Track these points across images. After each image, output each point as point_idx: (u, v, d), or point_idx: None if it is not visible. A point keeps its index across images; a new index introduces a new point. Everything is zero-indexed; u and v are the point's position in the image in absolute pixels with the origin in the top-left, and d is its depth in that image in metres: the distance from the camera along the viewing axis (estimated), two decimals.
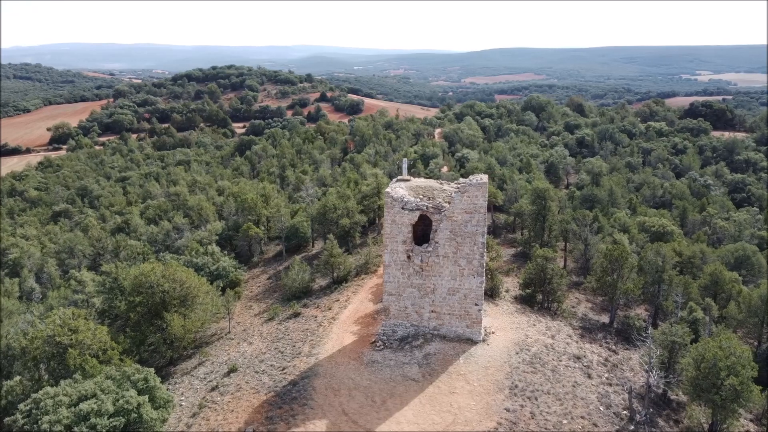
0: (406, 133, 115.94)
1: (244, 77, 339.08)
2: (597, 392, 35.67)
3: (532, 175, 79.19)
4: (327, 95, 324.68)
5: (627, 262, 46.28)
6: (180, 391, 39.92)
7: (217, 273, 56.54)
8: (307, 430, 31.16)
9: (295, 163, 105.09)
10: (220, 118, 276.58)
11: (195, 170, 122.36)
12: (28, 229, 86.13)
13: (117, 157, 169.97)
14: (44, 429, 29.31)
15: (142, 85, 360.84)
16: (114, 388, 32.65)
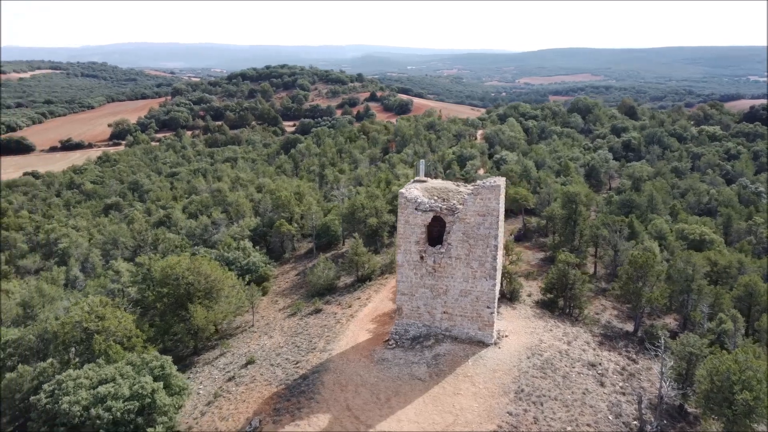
0: (446, 133, 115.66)
1: (296, 76, 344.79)
2: (608, 401, 35.08)
3: (569, 178, 77.88)
4: (377, 95, 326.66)
5: (653, 269, 45.15)
6: (200, 379, 41.47)
7: (247, 268, 58.19)
8: (310, 423, 31.96)
9: (335, 161, 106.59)
10: (271, 117, 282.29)
11: (240, 167, 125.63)
12: (79, 221, 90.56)
13: (170, 153, 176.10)
14: (63, 409, 31.13)
15: (199, 84, 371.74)
16: (132, 373, 34.32)
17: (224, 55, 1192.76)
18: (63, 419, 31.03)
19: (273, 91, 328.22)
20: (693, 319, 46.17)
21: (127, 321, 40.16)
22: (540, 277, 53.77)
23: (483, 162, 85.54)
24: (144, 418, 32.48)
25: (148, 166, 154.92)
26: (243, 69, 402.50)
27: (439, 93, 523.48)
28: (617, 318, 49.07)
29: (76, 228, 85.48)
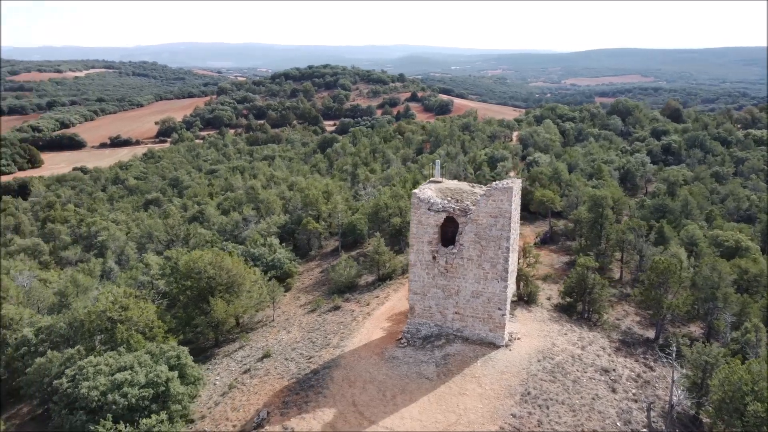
0: (481, 134, 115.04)
1: (338, 76, 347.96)
2: (618, 407, 34.63)
3: (601, 181, 76.58)
4: (417, 95, 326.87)
5: (675, 275, 44.17)
6: (217, 371, 42.75)
7: (272, 264, 59.45)
8: (315, 416, 32.67)
9: (368, 161, 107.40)
10: (312, 116, 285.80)
11: (277, 165, 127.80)
12: (119, 215, 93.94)
13: (211, 151, 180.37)
14: (82, 393, 32.67)
15: (243, 83, 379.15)
16: (150, 362, 35.70)
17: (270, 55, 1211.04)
18: (82, 403, 32.58)
19: (315, 90, 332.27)
20: (717, 328, 44.99)
21: (149, 312, 41.71)
22: (561, 280, 53.25)
23: (514, 164, 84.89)
24: (158, 405, 33.78)
25: (190, 163, 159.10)
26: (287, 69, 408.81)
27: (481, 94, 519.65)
28: (639, 324, 48.16)
29: (115, 222, 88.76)
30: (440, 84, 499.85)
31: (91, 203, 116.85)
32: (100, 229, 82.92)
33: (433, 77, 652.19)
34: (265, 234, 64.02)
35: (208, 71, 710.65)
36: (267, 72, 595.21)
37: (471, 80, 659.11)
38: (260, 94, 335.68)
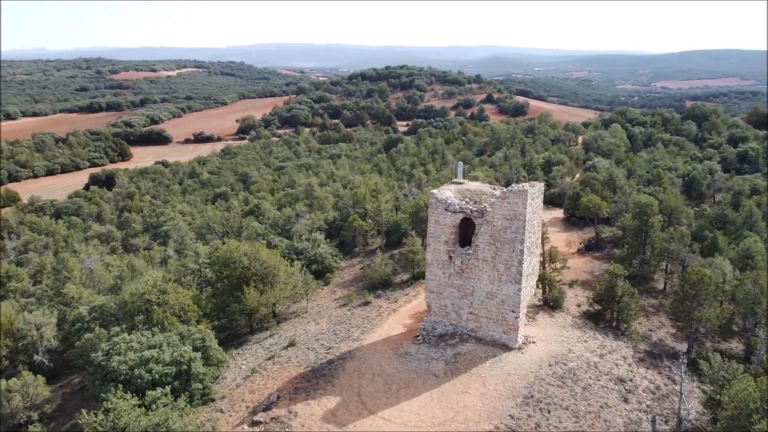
0: (543, 138, 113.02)
1: (413, 77, 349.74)
2: (627, 417, 34.03)
3: (658, 188, 73.88)
4: (493, 96, 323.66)
5: (708, 288, 42.52)
6: (246, 356, 45.17)
7: (313, 258, 61.70)
8: (319, 403, 34.20)
9: (426, 162, 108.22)
10: (386, 116, 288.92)
11: (340, 164, 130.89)
12: (186, 207, 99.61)
13: (283, 149, 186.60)
14: (113, 366, 35.76)
15: (321, 83, 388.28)
16: (177, 342, 38.47)
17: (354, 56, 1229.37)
18: (112, 375, 35.65)
19: (390, 91, 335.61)
20: (754, 345, 42.87)
21: (185, 297, 44.73)
22: (579, 285, 52.36)
23: (569, 168, 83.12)
24: (180, 383, 36.40)
25: (262, 160, 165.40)
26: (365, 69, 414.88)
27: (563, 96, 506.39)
28: (673, 337, 46.58)
29: (182, 213, 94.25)
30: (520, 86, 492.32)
31: (166, 195, 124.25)
32: (166, 220, 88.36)
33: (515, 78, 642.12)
34: (310, 229, 66.32)
35: (291, 71, 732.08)
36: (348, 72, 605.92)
37: (553, 82, 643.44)
38: (337, 94, 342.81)
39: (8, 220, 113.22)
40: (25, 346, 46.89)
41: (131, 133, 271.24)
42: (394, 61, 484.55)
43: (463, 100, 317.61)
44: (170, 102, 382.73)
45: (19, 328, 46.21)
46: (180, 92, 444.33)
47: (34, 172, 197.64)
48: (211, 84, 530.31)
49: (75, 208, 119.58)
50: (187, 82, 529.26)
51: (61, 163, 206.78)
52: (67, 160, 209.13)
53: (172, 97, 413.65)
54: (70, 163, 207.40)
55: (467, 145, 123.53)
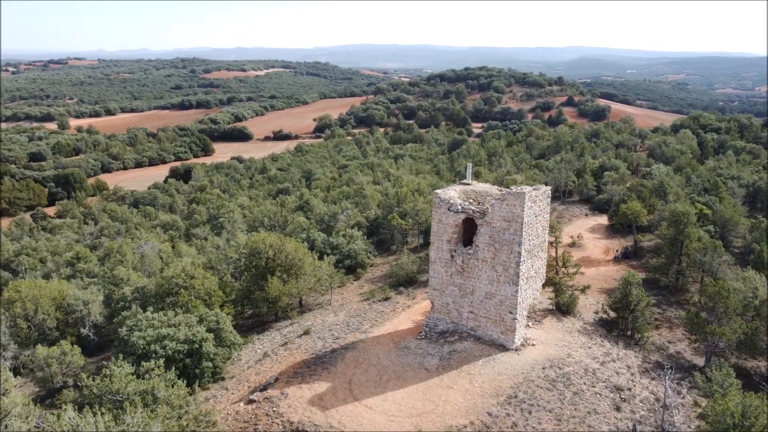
0: (605, 143, 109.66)
1: (492, 78, 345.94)
2: (615, 426, 33.71)
3: (713, 198, 70.63)
4: (574, 99, 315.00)
5: (726, 301, 40.96)
6: (264, 341, 47.86)
7: (347, 253, 63.88)
8: (311, 387, 36.12)
9: (482, 164, 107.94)
10: (461, 118, 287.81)
11: (401, 164, 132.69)
12: (246, 201, 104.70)
13: (352, 147, 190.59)
14: (133, 340, 39.29)
15: (400, 84, 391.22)
16: (195, 323, 41.59)
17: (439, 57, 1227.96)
18: (131, 349, 39.18)
19: (467, 92, 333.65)
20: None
21: (211, 282, 48.00)
22: (590, 290, 51.34)
23: (622, 174, 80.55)
24: (192, 360, 39.46)
25: (329, 158, 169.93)
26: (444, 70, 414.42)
27: (653, 100, 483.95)
28: (694, 350, 45.03)
29: (241, 206, 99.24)
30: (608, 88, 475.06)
31: (234, 189, 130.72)
32: (225, 212, 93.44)
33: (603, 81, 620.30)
34: (347, 225, 68.51)
35: (375, 72, 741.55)
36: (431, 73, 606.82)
37: (644, 85, 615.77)
38: (414, 95, 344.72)
39: (92, 208, 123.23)
40: (74, 320, 51.72)
41: (215, 129, 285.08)
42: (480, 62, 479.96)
43: (542, 102, 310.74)
44: (255, 101, 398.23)
45: (69, 303, 51.08)
46: (266, 91, 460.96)
47: (125, 164, 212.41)
48: (296, 84, 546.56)
49: (151, 198, 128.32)
50: (274, 82, 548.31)
51: (149, 156, 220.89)
52: (155, 153, 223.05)
53: (257, 96, 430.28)
54: (157, 157, 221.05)
55: (528, 149, 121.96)
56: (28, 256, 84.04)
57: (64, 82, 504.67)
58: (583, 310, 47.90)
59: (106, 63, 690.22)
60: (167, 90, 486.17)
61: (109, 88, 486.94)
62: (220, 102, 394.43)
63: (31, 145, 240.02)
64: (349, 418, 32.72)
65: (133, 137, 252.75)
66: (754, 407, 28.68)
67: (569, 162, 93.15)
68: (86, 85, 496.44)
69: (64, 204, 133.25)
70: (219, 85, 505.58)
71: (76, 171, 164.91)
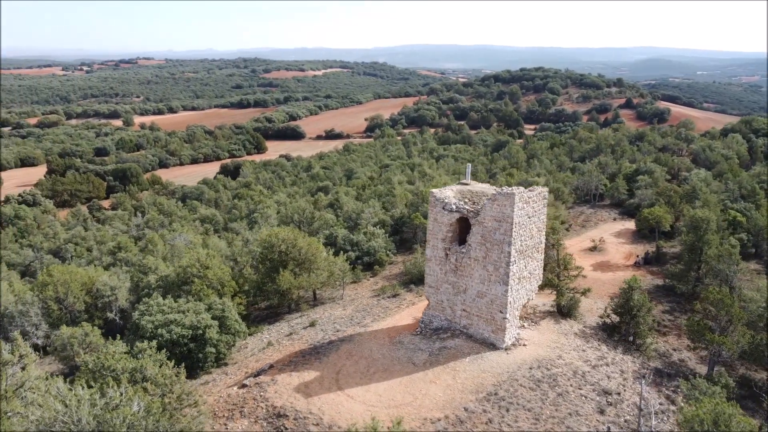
0: (647, 146, 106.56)
1: (548, 79, 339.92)
2: (595, 428, 33.70)
3: (749, 205, 68.15)
4: (633, 101, 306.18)
5: (729, 310, 39.91)
6: (272, 331, 49.80)
7: (366, 250, 65.26)
8: (300, 376, 37.61)
9: (519, 166, 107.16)
10: (513, 119, 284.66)
11: (441, 164, 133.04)
12: (283, 197, 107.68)
13: (399, 148, 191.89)
14: (143, 324, 41.88)
15: (453, 84, 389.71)
16: (202, 310, 43.87)
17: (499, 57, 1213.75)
18: (141, 332, 41.77)
19: (521, 93, 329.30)
20: None
21: (224, 272, 50.29)
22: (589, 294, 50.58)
23: (655, 178, 78.40)
24: (196, 345, 41.71)
25: (374, 158, 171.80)
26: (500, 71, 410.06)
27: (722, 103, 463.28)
28: (700, 359, 44.00)
29: (277, 202, 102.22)
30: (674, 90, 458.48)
31: (276, 186, 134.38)
32: (263, 208, 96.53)
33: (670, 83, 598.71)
34: (368, 223, 69.86)
35: (432, 72, 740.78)
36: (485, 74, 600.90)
37: (713, 87, 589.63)
38: (467, 96, 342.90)
39: (143, 201, 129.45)
40: (102, 304, 55.14)
41: (270, 128, 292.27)
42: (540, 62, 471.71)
43: (598, 104, 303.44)
44: (311, 100, 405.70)
45: (98, 289, 54.53)
46: (322, 91, 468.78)
47: (181, 160, 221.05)
48: (353, 83, 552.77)
49: (198, 193, 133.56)
50: (331, 82, 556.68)
51: (204, 153, 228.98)
52: (210, 150, 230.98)
53: (313, 95, 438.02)
54: (212, 154, 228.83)
55: (569, 151, 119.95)
56: (77, 244, 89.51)
57: (133, 81, 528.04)
58: (587, 314, 47.63)
59: (172, 63, 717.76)
60: (228, 89, 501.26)
61: (173, 87, 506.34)
62: (277, 101, 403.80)
63: (98, 140, 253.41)
64: (330, 406, 34.01)
65: (192, 134, 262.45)
66: (726, 415, 28.26)
67: (606, 165, 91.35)
68: (152, 83, 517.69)
69: (117, 196, 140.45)
70: (278, 85, 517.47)
71: (132, 166, 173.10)
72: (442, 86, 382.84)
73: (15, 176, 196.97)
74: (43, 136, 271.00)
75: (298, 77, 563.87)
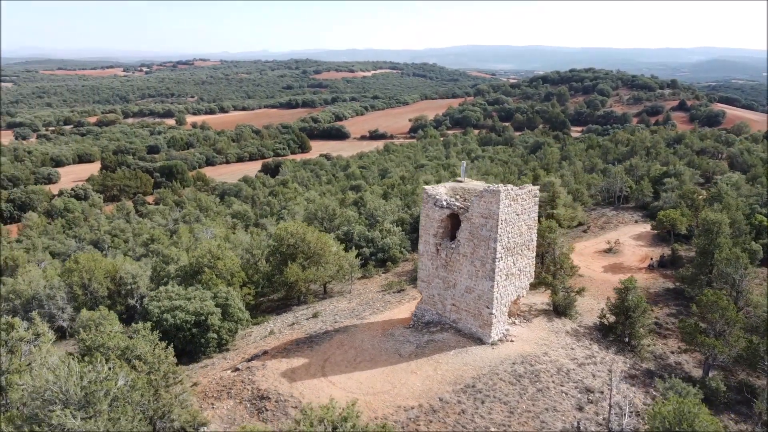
0: (683, 149, 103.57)
1: (598, 81, 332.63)
2: (570, 424, 33.99)
3: None
4: (686, 103, 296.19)
5: (725, 314, 39.29)
6: (278, 320, 51.70)
7: (380, 247, 66.56)
8: (289, 362, 39.22)
9: (550, 168, 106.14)
10: (560, 121, 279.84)
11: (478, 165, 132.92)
12: (314, 195, 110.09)
13: (438, 148, 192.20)
14: (150, 309, 44.43)
15: (500, 86, 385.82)
16: (207, 298, 46.13)
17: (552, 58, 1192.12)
18: (149, 316, 44.31)
19: (570, 95, 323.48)
20: None
21: (234, 263, 52.52)
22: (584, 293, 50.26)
23: (681, 181, 76.48)
24: (198, 331, 43.95)
25: (412, 158, 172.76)
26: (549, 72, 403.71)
27: None
28: (697, 363, 43.31)
29: (307, 200, 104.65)
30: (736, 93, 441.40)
31: (312, 184, 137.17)
32: (293, 204, 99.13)
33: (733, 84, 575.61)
34: (383, 220, 71.10)
35: (483, 73, 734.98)
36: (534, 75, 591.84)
37: None
38: (514, 97, 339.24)
39: (183, 196, 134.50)
40: (125, 291, 58.34)
41: (315, 128, 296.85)
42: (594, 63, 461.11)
43: (650, 106, 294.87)
44: (358, 100, 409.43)
45: (121, 276, 57.75)
46: (370, 92, 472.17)
47: (227, 158, 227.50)
48: (401, 84, 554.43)
49: (236, 190, 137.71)
50: (380, 83, 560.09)
51: (249, 151, 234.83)
52: (255, 149, 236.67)
53: (361, 96, 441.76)
54: (257, 152, 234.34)
55: (602, 153, 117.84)
56: (115, 236, 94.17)
57: (188, 81, 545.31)
58: (587, 314, 47.59)
59: (227, 64, 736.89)
60: (279, 90, 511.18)
61: (226, 88, 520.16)
62: (325, 101, 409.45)
63: (151, 138, 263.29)
64: (311, 391, 35.47)
65: (239, 134, 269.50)
66: (690, 414, 28.22)
67: (636, 167, 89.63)
68: (206, 84, 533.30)
69: (161, 192, 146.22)
70: (327, 86, 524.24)
71: (178, 163, 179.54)
72: (488, 87, 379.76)
73: (72, 172, 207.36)
74: (101, 134, 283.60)
75: (348, 78, 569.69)
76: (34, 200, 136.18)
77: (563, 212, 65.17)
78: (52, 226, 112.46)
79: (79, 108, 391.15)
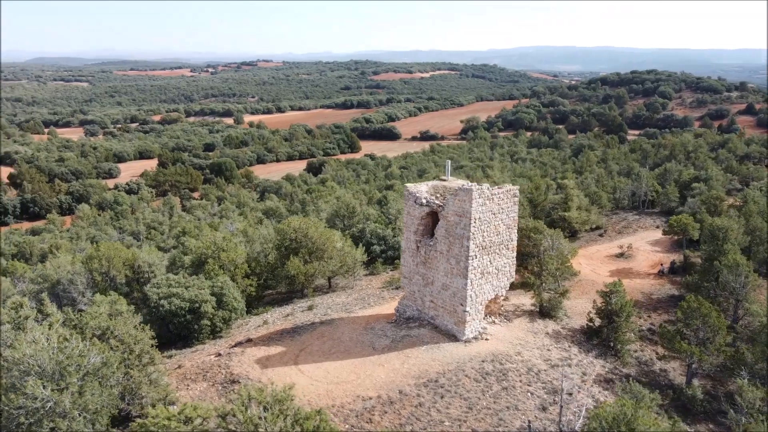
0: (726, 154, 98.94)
1: (659, 83, 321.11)
2: (529, 423, 34.10)
3: None
4: (755, 107, 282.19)
5: (708, 321, 38.21)
6: (276, 312, 53.51)
7: (391, 245, 67.57)
8: (268, 350, 40.87)
9: (583, 171, 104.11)
10: (616, 124, 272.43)
11: (512, 167, 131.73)
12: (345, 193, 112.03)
13: (484, 150, 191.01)
14: (150, 296, 47.11)
15: (557, 87, 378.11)
16: (205, 287, 48.45)
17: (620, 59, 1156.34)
18: (149, 302, 47.01)
19: (629, 97, 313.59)
20: None
21: (237, 255, 54.75)
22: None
23: (710, 187, 73.47)
24: (192, 317, 46.28)
25: (453, 160, 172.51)
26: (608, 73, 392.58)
27: None
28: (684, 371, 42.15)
29: (337, 198, 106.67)
30: None
31: (350, 183, 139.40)
32: (323, 203, 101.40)
33: None
34: (396, 218, 72.02)
35: (545, 75, 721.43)
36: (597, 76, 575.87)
37: None
38: (571, 99, 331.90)
39: (225, 192, 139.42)
40: (143, 278, 61.67)
41: (367, 128, 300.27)
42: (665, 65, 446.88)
43: (714, 110, 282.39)
44: (412, 101, 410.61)
45: (138, 265, 61.13)
46: (426, 93, 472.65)
47: (278, 156, 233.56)
48: (459, 86, 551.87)
49: (277, 187, 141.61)
50: (438, 84, 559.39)
51: (300, 150, 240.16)
52: (305, 148, 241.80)
53: (416, 97, 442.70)
54: (307, 152, 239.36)
55: (642, 157, 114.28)
56: (154, 228, 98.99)
57: (250, 82, 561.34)
58: (578, 317, 47.05)
59: (289, 65, 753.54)
60: (336, 90, 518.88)
61: (286, 88, 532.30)
62: (380, 102, 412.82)
63: (209, 137, 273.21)
64: (279, 377, 36.90)
65: (292, 133, 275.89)
66: (629, 416, 27.95)
67: (669, 171, 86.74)
68: (267, 84, 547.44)
69: (206, 188, 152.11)
70: (384, 87, 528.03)
71: (227, 160, 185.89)
72: (545, 89, 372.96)
73: (132, 167, 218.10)
74: (163, 131, 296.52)
75: (405, 79, 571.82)
76: (90, 193, 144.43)
77: (576, 215, 64.19)
78: (101, 217, 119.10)
79: (146, 107, 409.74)
